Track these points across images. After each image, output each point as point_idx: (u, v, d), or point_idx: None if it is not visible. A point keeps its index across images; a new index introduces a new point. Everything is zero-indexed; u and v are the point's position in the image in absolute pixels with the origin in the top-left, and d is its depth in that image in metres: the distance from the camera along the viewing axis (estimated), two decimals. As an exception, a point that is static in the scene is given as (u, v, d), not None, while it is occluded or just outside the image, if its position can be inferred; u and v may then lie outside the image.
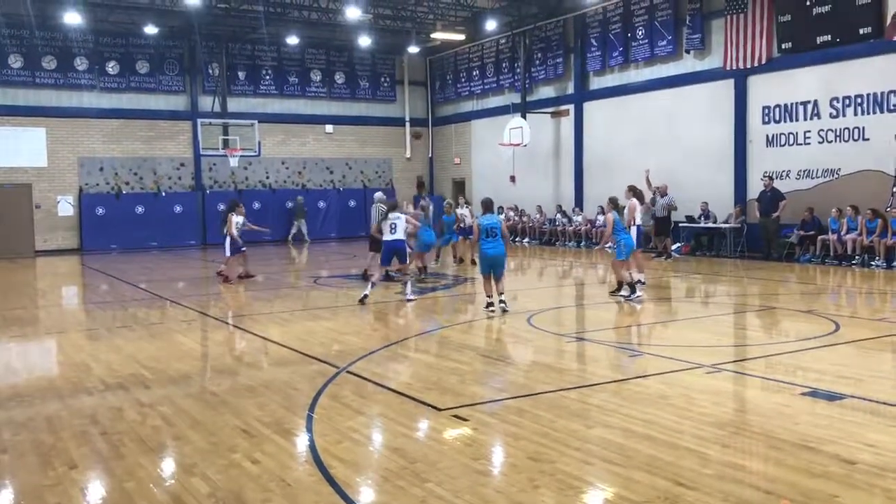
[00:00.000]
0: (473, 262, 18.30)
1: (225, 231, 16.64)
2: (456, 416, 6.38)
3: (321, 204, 29.69)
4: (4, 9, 23.11)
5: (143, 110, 27.32)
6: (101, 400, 7.21)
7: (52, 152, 26.03)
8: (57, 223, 26.20)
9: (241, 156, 26.40)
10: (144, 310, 13.26)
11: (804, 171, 18.86)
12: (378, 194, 16.93)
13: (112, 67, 26.78)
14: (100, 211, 26.43)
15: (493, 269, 11.84)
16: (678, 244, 21.13)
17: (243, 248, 16.64)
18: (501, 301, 11.79)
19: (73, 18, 23.02)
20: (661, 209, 20.25)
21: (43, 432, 6.23)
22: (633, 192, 15.47)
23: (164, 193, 27.33)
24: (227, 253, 16.59)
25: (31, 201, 25.75)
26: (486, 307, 11.80)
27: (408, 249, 13.96)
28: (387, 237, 13.03)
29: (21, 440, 6.06)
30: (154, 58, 27.38)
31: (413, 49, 29.27)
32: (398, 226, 12.95)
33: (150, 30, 25.66)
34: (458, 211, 19.27)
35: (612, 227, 13.31)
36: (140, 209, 26.90)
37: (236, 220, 16.47)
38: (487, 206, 12.30)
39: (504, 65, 28.41)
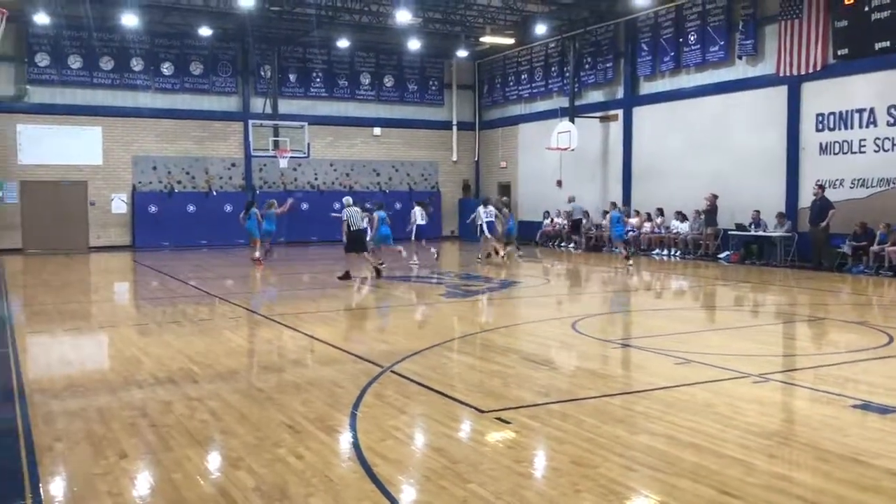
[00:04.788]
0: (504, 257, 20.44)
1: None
2: (499, 419, 6.38)
3: (367, 205, 29.81)
4: (66, 10, 23.75)
5: (196, 111, 27.84)
6: (151, 393, 7.37)
7: (107, 151, 26.66)
8: (110, 220, 26.82)
9: (290, 157, 26.72)
10: (194, 306, 13.50)
11: (858, 181, 18.45)
12: (346, 198, 17.82)
13: (167, 68, 27.35)
14: (152, 209, 26.99)
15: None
16: (727, 252, 20.86)
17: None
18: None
19: (130, 20, 23.58)
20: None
21: (95, 422, 6.38)
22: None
23: (215, 193, 27.79)
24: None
25: (86, 198, 26.40)
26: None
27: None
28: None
29: (74, 429, 6.22)
30: (208, 59, 27.90)
31: (462, 53, 29.35)
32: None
33: (205, 32, 26.15)
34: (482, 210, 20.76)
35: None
36: (191, 208, 27.40)
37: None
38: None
39: (553, 69, 28.33)
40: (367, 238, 17.62)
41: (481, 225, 20.52)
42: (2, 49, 23.30)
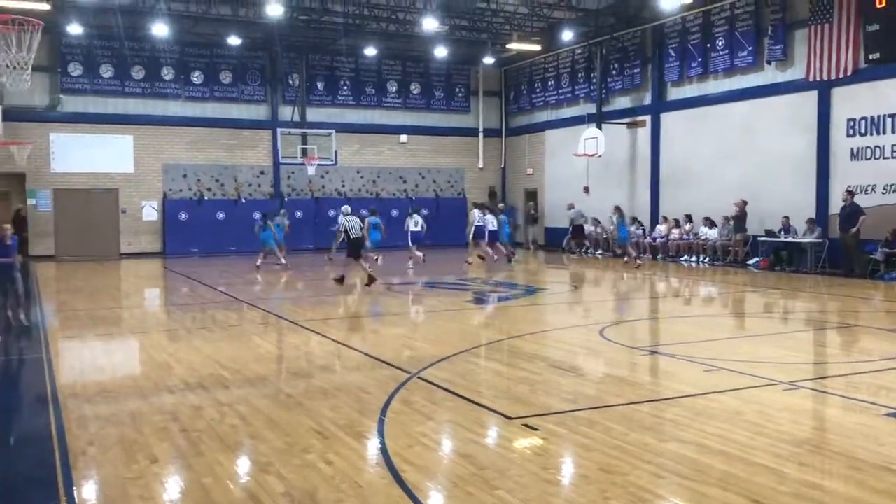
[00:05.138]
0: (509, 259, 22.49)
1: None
2: (526, 426, 6.38)
3: (394, 213, 29.98)
4: (98, 21, 24.12)
5: (225, 119, 28.14)
6: (182, 398, 7.45)
7: (138, 159, 27.02)
8: (141, 227, 27.16)
9: (318, 164, 26.88)
10: (223, 312, 13.63)
11: (890, 186, 18.20)
12: (345, 207, 18.40)
13: (197, 77, 27.68)
14: (182, 216, 27.29)
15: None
16: (756, 258, 20.67)
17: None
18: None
19: (160, 30, 23.89)
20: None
21: (127, 427, 6.47)
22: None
23: (244, 200, 28.04)
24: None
25: (117, 206, 26.76)
26: None
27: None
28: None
29: (106, 434, 6.31)
30: (237, 68, 28.20)
31: (488, 60, 29.38)
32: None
33: (234, 41, 26.43)
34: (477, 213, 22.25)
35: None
36: (221, 215, 27.66)
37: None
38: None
39: (580, 75, 28.28)
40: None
41: (471, 229, 22.16)
42: (36, 59, 23.64)
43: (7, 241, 11.79)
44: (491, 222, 22.28)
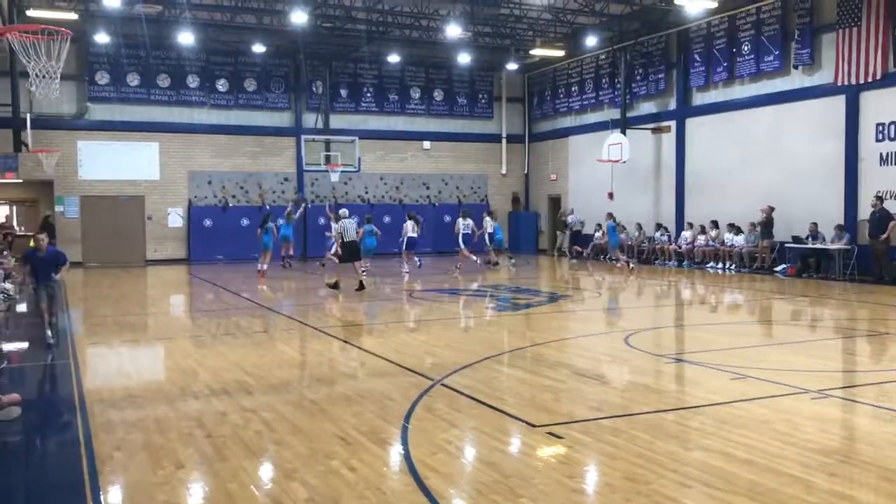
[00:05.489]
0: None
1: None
2: (550, 434, 6.34)
3: (421, 219, 30.08)
4: (125, 30, 24.42)
5: (249, 126, 28.35)
6: (207, 404, 7.49)
7: (164, 166, 27.29)
8: (167, 234, 27.41)
9: (342, 171, 26.99)
10: (247, 318, 13.70)
11: (921, 191, 17.96)
12: (343, 210, 18.64)
13: (221, 85, 27.92)
14: (207, 222, 27.50)
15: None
16: (784, 265, 20.44)
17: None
18: None
19: (186, 38, 24.16)
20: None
21: (153, 432, 6.51)
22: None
23: (268, 206, 28.18)
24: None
25: (143, 213, 27.03)
26: None
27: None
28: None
29: (133, 439, 6.35)
30: (261, 76, 28.41)
31: (511, 66, 29.37)
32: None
33: (258, 49, 26.65)
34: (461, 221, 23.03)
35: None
36: (245, 221, 27.82)
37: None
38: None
39: (604, 80, 28.18)
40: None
41: (459, 236, 22.78)
42: (64, 68, 23.96)
43: (42, 253, 10.92)
44: (469, 227, 23.08)
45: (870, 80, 18.80)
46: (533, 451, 6.09)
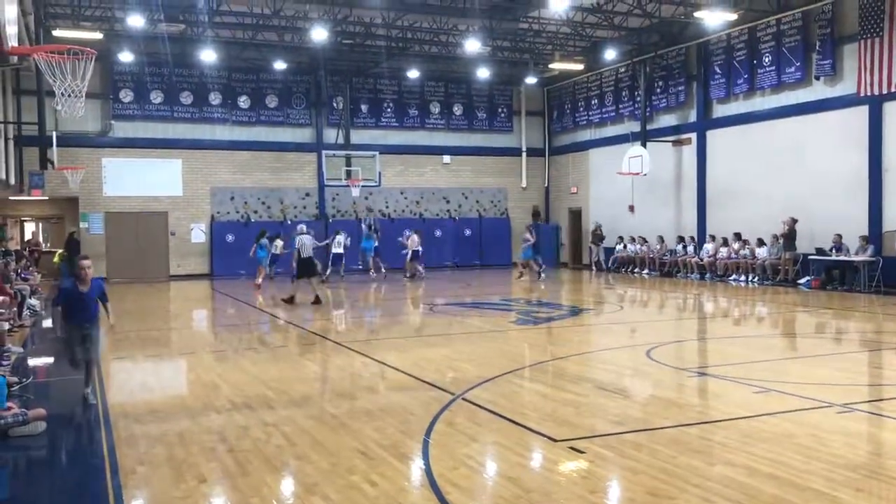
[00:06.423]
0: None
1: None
2: (572, 448, 6.31)
3: (437, 233, 30.15)
4: (148, 48, 24.75)
5: (271, 142, 28.59)
6: (229, 418, 7.53)
7: (186, 182, 27.56)
8: (190, 249, 27.64)
9: (362, 186, 27.11)
10: (269, 333, 13.77)
11: (947, 202, 17.76)
12: (301, 226, 19.06)
13: (243, 102, 28.20)
14: (229, 238, 27.69)
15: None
16: (807, 277, 20.25)
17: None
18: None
19: (208, 56, 24.45)
20: None
21: (175, 447, 6.55)
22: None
23: (289, 222, 28.33)
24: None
25: (167, 228, 27.30)
26: None
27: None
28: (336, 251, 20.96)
29: (156, 453, 6.40)
30: (282, 92, 28.66)
31: (531, 79, 29.41)
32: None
33: (279, 65, 26.93)
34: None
35: None
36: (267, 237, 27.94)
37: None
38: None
39: (623, 93, 28.15)
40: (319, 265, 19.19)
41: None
42: (88, 87, 24.30)
43: (86, 287, 8.56)
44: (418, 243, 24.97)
45: (893, 90, 18.62)
46: (554, 465, 6.07)
